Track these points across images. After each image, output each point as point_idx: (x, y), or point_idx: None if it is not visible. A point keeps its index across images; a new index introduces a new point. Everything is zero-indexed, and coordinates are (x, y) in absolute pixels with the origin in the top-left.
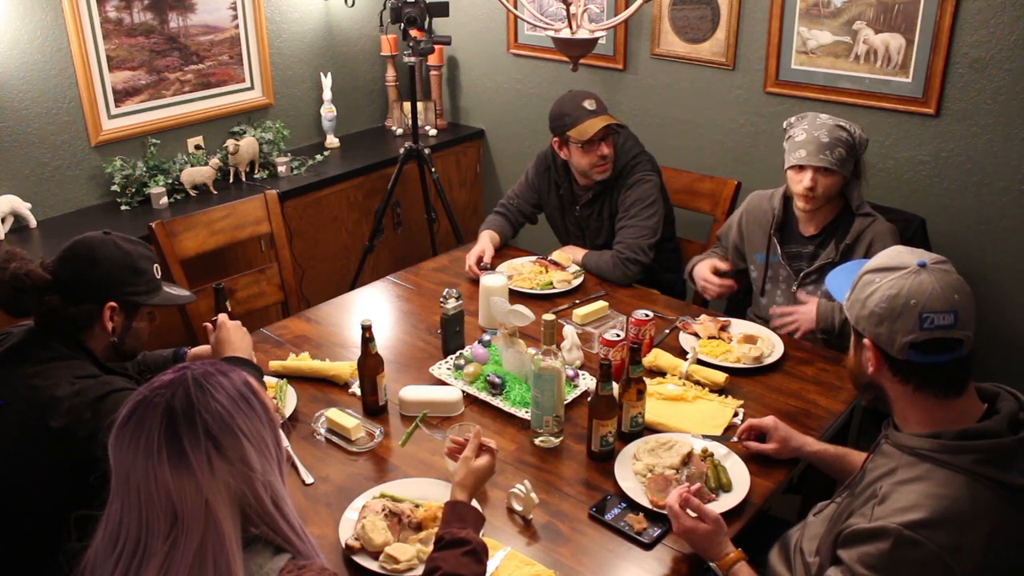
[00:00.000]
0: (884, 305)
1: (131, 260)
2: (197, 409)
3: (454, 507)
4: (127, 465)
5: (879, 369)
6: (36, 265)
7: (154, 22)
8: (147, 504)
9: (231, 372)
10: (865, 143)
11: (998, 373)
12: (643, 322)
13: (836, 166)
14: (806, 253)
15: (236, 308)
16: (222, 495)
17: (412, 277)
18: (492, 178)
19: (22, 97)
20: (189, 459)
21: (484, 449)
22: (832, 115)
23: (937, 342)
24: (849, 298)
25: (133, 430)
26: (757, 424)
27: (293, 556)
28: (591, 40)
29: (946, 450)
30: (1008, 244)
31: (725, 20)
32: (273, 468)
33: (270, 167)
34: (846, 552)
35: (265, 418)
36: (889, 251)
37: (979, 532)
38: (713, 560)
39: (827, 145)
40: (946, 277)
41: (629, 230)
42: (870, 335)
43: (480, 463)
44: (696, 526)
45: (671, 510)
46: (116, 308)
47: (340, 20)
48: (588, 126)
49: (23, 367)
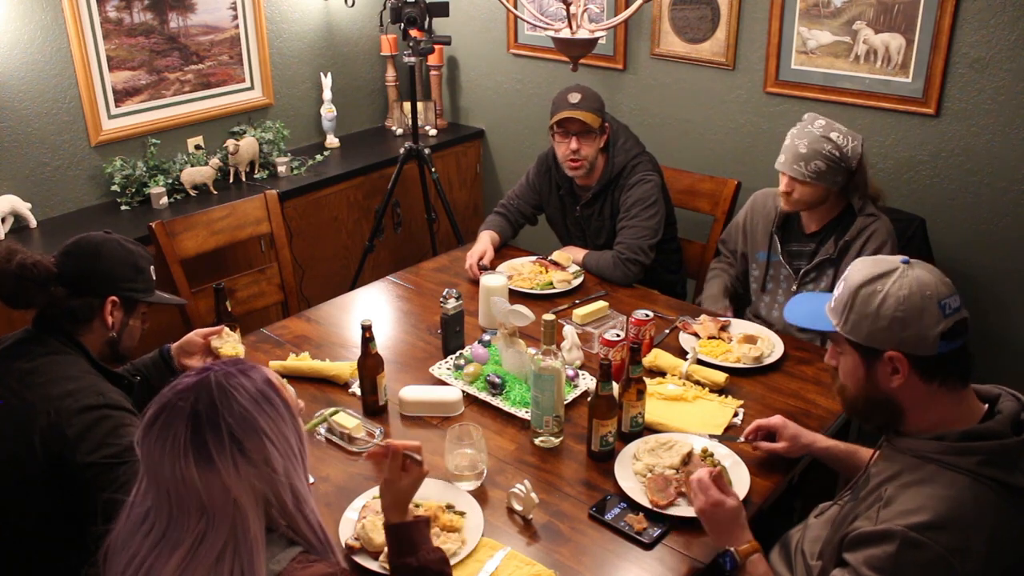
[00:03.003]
0: (904, 307)
1: (133, 258)
2: (221, 413)
3: (396, 532)
4: (154, 464)
5: (907, 377)
6: (41, 257)
7: (154, 22)
8: (176, 499)
9: (252, 371)
10: (858, 156)
11: (998, 373)
12: (643, 322)
13: (810, 178)
14: (806, 252)
15: (236, 308)
16: (248, 494)
17: (412, 277)
18: (492, 178)
19: (22, 97)
20: (215, 462)
21: (407, 463)
22: (832, 119)
23: (958, 325)
24: (848, 320)
25: (160, 432)
26: (765, 424)
27: (306, 549)
28: (591, 40)
29: (950, 452)
30: (1008, 244)
31: (725, 20)
32: (296, 467)
33: (270, 167)
34: (852, 555)
35: (288, 416)
36: (863, 262)
37: (983, 533)
38: (730, 545)
39: (803, 156)
40: (929, 266)
41: (629, 230)
42: (894, 344)
43: (405, 485)
44: (724, 500)
45: (700, 483)
46: (117, 303)
47: (340, 20)
48: (559, 115)
49: (17, 363)
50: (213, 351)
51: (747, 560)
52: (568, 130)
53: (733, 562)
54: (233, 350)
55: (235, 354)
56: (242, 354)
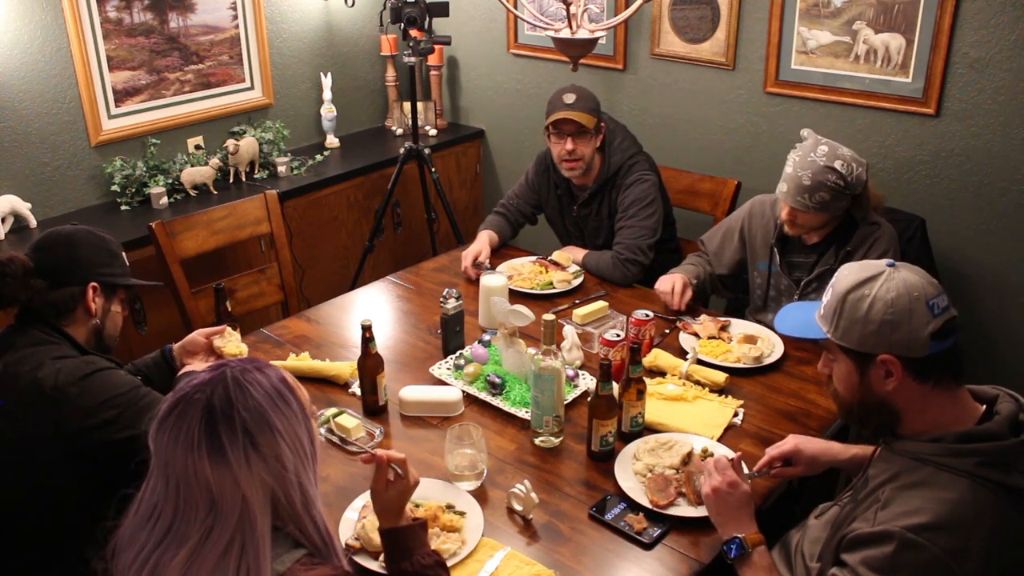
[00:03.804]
0: (892, 309)
1: (106, 244)
2: (236, 407)
3: (390, 537)
4: (167, 456)
5: (901, 380)
6: (15, 253)
7: (154, 22)
8: (186, 493)
9: (267, 368)
10: (863, 183)
11: (998, 374)
12: (643, 322)
13: (815, 209)
14: (807, 263)
15: (236, 308)
16: (257, 490)
17: (412, 277)
18: (492, 178)
19: (22, 97)
20: (227, 455)
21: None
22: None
23: (947, 324)
24: (838, 327)
25: (174, 423)
26: (778, 453)
27: (310, 552)
28: (591, 40)
29: (948, 453)
30: (1008, 244)
31: (725, 20)
32: (306, 466)
33: (270, 167)
34: (849, 555)
35: (301, 415)
36: (849, 268)
37: (981, 534)
38: (737, 532)
39: (807, 188)
40: (915, 267)
41: (628, 230)
42: (886, 347)
43: (391, 496)
44: (740, 482)
45: (718, 462)
46: (97, 289)
47: (340, 20)
48: (554, 116)
49: (2, 357)
50: (216, 350)
51: (755, 549)
52: (563, 131)
53: (740, 549)
54: (236, 349)
55: (238, 353)
56: (245, 353)
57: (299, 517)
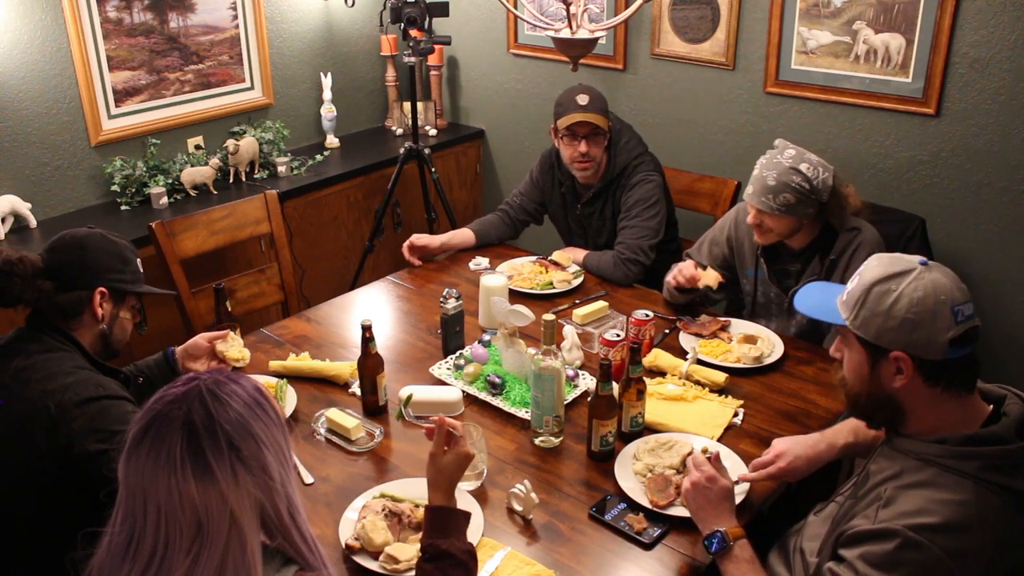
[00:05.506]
0: (916, 309)
1: (118, 249)
2: (217, 420)
3: (434, 514)
4: (144, 482)
5: (910, 379)
6: (27, 253)
7: (154, 22)
8: (168, 519)
9: (241, 379)
10: (829, 189)
11: (998, 374)
12: (643, 322)
13: (779, 211)
14: (793, 270)
15: (236, 308)
16: (246, 506)
17: (412, 277)
18: (492, 178)
19: (22, 97)
20: (214, 471)
21: (452, 441)
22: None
23: (969, 332)
24: (859, 316)
25: (151, 446)
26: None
27: (301, 567)
28: (591, 40)
29: (953, 456)
30: (1008, 244)
31: (725, 20)
32: (289, 474)
33: (270, 167)
34: (848, 551)
35: (279, 423)
36: (879, 259)
37: (984, 538)
38: (718, 526)
39: (771, 189)
40: (947, 270)
41: (630, 230)
42: (902, 345)
43: (448, 460)
44: (719, 477)
45: (695, 459)
46: (106, 294)
47: (340, 20)
48: (569, 118)
49: (13, 361)
50: (219, 355)
51: (736, 543)
52: (578, 133)
53: (722, 543)
54: (239, 353)
55: (241, 357)
56: (248, 358)
57: (287, 528)
